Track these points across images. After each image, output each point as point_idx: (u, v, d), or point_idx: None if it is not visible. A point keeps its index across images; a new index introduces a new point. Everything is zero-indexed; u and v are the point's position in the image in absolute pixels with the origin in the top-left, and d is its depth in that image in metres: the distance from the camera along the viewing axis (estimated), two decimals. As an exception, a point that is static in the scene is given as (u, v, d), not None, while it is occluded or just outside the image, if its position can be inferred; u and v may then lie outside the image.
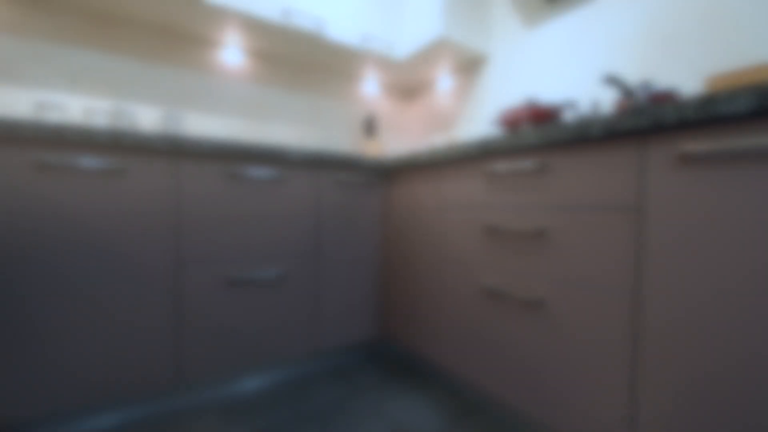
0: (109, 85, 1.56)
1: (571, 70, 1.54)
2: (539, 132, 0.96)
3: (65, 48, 1.48)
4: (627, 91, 1.05)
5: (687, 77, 1.20)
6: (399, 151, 2.45)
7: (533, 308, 1.00)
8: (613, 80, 1.04)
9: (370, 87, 2.31)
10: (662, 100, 1.03)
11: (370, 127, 2.14)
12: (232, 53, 1.83)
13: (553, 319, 0.95)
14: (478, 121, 1.97)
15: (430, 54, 1.89)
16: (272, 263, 1.35)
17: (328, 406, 1.27)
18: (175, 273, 1.17)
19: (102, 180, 1.05)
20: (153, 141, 1.09)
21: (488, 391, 1.14)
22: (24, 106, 1.41)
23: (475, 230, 1.19)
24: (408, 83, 2.34)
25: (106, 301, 1.07)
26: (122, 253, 1.08)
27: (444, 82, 2.20)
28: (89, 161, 1.03)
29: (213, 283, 1.23)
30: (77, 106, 1.50)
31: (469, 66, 2.02)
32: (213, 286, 1.23)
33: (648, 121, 0.74)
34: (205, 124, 1.78)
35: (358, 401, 1.30)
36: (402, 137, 2.46)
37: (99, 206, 1.05)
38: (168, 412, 1.23)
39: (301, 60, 1.99)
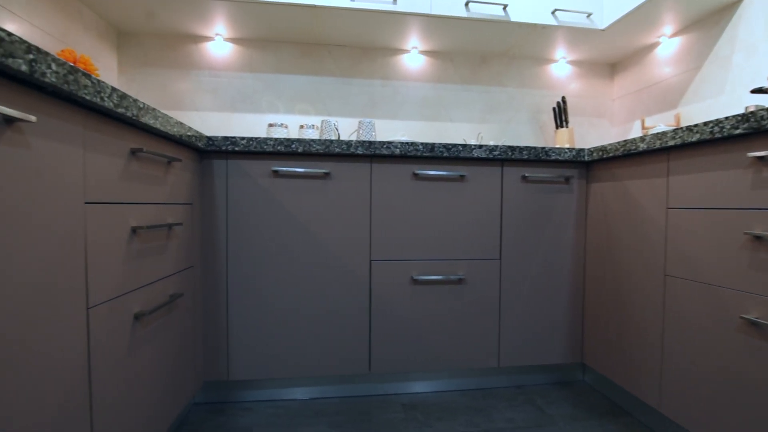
0: (315, 102, 1.93)
1: None
2: None
3: (284, 77, 1.91)
4: None
5: None
6: (599, 139, 2.15)
7: None
8: None
9: (561, 68, 2.11)
10: None
11: (560, 114, 1.96)
12: (413, 57, 1.99)
13: None
14: (723, 91, 1.54)
15: (647, 12, 1.59)
16: (452, 266, 1.39)
17: (512, 430, 1.22)
18: (368, 268, 1.34)
19: (314, 183, 1.31)
20: (353, 147, 1.28)
21: (752, 467, 0.86)
22: (260, 127, 1.90)
23: (730, 239, 0.92)
24: (610, 57, 2.03)
25: (319, 291, 1.32)
26: (329, 247, 1.32)
27: (666, 47, 1.81)
28: (306, 168, 1.30)
29: (397, 281, 1.36)
30: (294, 123, 1.92)
31: (707, 19, 1.60)
32: (397, 284, 1.36)
33: None
34: (390, 129, 1.99)
35: (548, 432, 1.20)
36: (602, 123, 2.15)
37: (313, 204, 1.31)
38: (357, 397, 1.42)
39: (479, 52, 2.00)
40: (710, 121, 0.94)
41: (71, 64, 0.59)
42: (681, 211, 1.06)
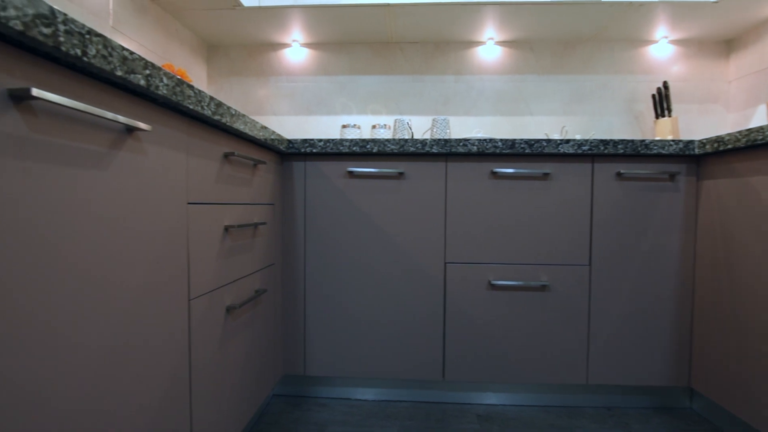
0: (387, 102, 1.96)
1: None
2: None
3: (357, 78, 1.97)
4: None
5: None
6: (711, 128, 1.90)
7: None
8: None
9: (662, 48, 1.90)
10: None
11: (661, 101, 1.77)
12: (488, 49, 1.93)
13: None
14: None
15: (777, -23, 1.37)
16: (534, 271, 1.32)
17: (604, 454, 1.12)
18: (442, 271, 1.33)
19: (388, 183, 1.32)
20: (428, 146, 1.28)
21: None
22: (333, 129, 1.98)
23: None
24: (725, 32, 1.78)
25: (391, 292, 1.34)
26: (403, 248, 1.33)
27: (803, 15, 1.54)
28: (380, 168, 1.32)
29: (473, 285, 1.33)
30: (366, 123, 1.96)
31: None
32: (473, 288, 1.33)
33: None
34: (463, 126, 1.95)
35: (649, 463, 1.08)
36: (714, 110, 1.90)
37: (387, 204, 1.33)
38: (429, 403, 1.41)
39: (563, 38, 1.87)
40: None
41: (178, 76, 0.66)
42: (830, 212, 0.89)
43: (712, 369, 1.22)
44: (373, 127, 1.76)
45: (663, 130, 1.73)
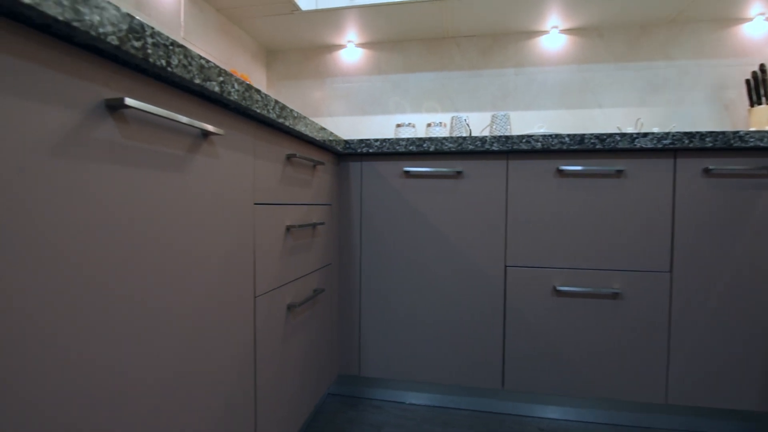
0: (441, 99, 1.94)
1: None
2: None
3: (411, 76, 1.96)
4: None
5: None
6: (815, 118, 1.67)
7: None
8: None
9: (757, 27, 1.70)
10: None
11: (757, 87, 1.58)
12: (551, 38, 1.84)
13: None
14: None
15: None
16: (605, 277, 1.23)
17: (689, 482, 1.02)
18: (502, 274, 1.29)
19: (445, 182, 1.30)
20: (488, 143, 1.24)
21: None
22: (388, 129, 1.99)
23: None
24: (842, 3, 1.56)
25: (448, 296, 1.32)
26: (460, 250, 1.31)
27: None
28: (437, 167, 1.31)
29: (536, 290, 1.27)
30: (420, 122, 1.95)
31: None
32: (536, 294, 1.27)
33: None
34: (523, 121, 1.88)
35: (744, 497, 0.97)
36: (823, 95, 1.67)
37: (444, 205, 1.31)
38: (488, 413, 1.37)
39: (638, 21, 1.74)
40: None
41: (247, 82, 0.70)
42: None
43: (825, 395, 1.07)
44: (428, 125, 1.75)
45: (760, 120, 1.55)
